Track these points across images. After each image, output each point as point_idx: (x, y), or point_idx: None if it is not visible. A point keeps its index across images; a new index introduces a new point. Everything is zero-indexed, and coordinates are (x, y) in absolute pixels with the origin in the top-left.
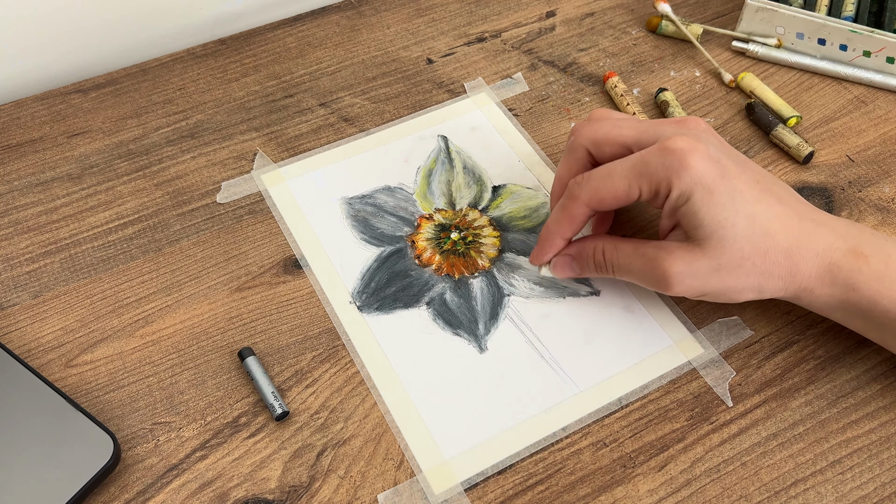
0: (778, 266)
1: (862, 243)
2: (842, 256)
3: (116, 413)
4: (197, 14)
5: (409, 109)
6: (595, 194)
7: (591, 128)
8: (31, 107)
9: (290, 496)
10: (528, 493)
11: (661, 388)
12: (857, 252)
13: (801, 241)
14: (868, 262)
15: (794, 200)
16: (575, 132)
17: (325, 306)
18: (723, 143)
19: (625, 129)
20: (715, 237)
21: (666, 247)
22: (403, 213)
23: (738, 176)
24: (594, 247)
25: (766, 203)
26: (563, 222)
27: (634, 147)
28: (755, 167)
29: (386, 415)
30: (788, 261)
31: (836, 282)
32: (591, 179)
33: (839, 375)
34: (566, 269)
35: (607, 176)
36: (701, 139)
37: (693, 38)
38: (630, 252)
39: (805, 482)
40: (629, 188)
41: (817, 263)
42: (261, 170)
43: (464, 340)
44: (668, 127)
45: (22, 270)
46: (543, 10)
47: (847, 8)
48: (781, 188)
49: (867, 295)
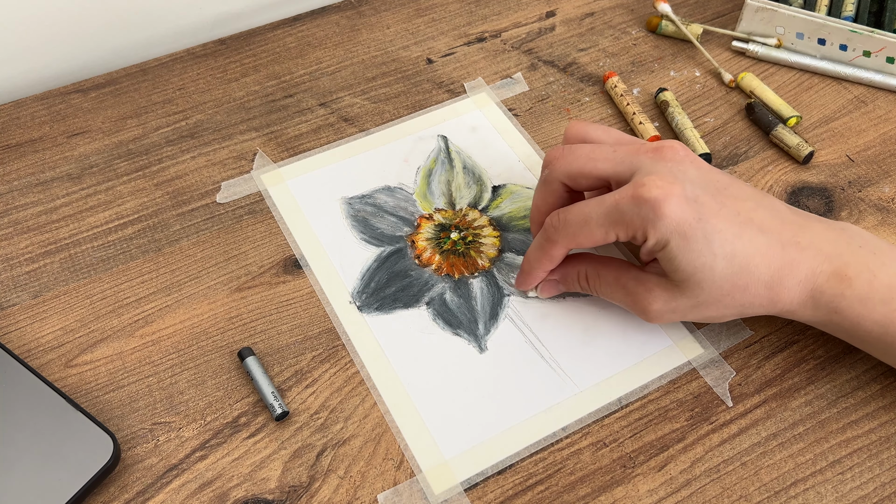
0: (759, 297)
1: (848, 263)
2: (825, 281)
3: (116, 413)
4: (197, 14)
5: (408, 109)
6: (572, 239)
7: (565, 161)
8: (31, 107)
9: (290, 496)
10: (528, 493)
11: (661, 388)
12: (840, 275)
13: (782, 271)
14: (851, 285)
15: (779, 224)
16: (549, 165)
17: (324, 306)
18: (701, 172)
19: (600, 163)
20: (692, 280)
21: (645, 282)
22: (403, 213)
23: (717, 213)
24: (577, 272)
25: (747, 237)
26: (543, 260)
27: (612, 180)
28: (737, 192)
29: (386, 415)
30: (770, 292)
31: (818, 306)
32: (568, 225)
33: (839, 375)
34: (552, 291)
35: (584, 223)
36: (677, 178)
37: (693, 38)
38: (611, 281)
39: (805, 482)
40: (606, 235)
41: (799, 291)
42: (261, 170)
43: (464, 340)
44: (644, 158)
45: (22, 270)
46: (543, 10)
47: (847, 8)
48: (765, 212)
49: (850, 317)
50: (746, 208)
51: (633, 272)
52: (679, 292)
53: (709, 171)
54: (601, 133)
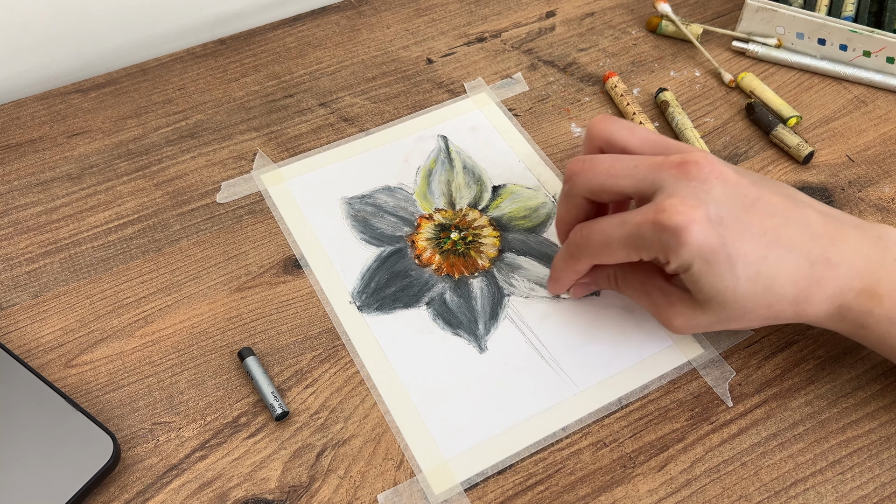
0: (783, 313)
1: (880, 279)
2: (853, 298)
3: (116, 413)
4: (197, 14)
5: (408, 109)
6: (595, 258)
7: (585, 178)
8: (31, 107)
9: (290, 496)
10: (528, 493)
11: (661, 388)
12: (870, 292)
13: (809, 288)
14: (881, 303)
15: (808, 239)
16: (570, 180)
17: (324, 306)
18: (727, 188)
19: (621, 179)
20: (715, 301)
21: (669, 296)
22: (403, 213)
23: (741, 235)
24: (607, 274)
25: (773, 258)
26: (569, 272)
27: (634, 196)
28: (765, 206)
29: (386, 415)
30: (795, 307)
31: (845, 320)
32: (591, 245)
33: (839, 375)
34: (584, 291)
35: (605, 245)
36: (701, 200)
37: (693, 38)
38: (637, 287)
39: (805, 482)
40: (627, 256)
41: (827, 307)
42: (261, 170)
43: (464, 340)
44: (667, 176)
45: (22, 270)
46: (543, 10)
47: (847, 8)
48: (794, 228)
49: (877, 333)
50: (774, 225)
51: (659, 282)
52: (701, 310)
53: (736, 184)
54: (626, 133)
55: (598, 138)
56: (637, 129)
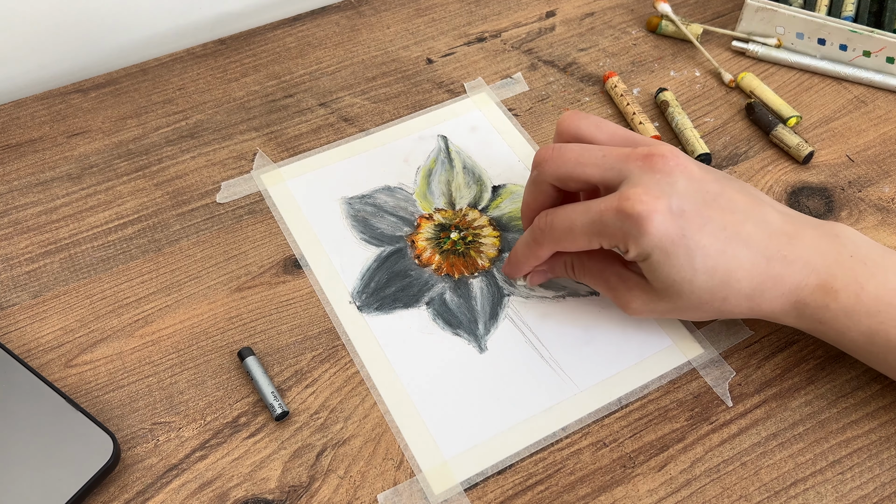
0: (739, 306)
1: (835, 275)
2: (809, 294)
3: (116, 413)
4: (197, 14)
5: (408, 109)
6: (557, 244)
7: (553, 165)
8: (31, 107)
9: (290, 496)
10: (528, 493)
11: (661, 388)
12: (826, 288)
13: (765, 284)
14: (837, 298)
15: (766, 237)
16: (538, 166)
17: (324, 306)
18: (690, 182)
19: (588, 168)
20: (671, 291)
21: (627, 281)
22: (403, 213)
23: (701, 229)
24: (564, 261)
25: (731, 253)
26: (530, 257)
27: (600, 185)
28: (727, 202)
29: (386, 415)
30: (749, 302)
31: (802, 316)
32: (553, 230)
33: (839, 375)
34: (541, 279)
35: (568, 231)
36: (664, 191)
37: (693, 38)
38: (595, 274)
39: (805, 482)
40: (589, 243)
41: (782, 302)
42: (261, 170)
43: (464, 340)
44: (633, 167)
45: (22, 270)
46: (543, 10)
47: (847, 8)
48: (753, 225)
49: (834, 328)
50: (734, 221)
51: (617, 268)
52: (658, 297)
53: (699, 179)
54: (593, 129)
55: (566, 133)
56: (604, 125)
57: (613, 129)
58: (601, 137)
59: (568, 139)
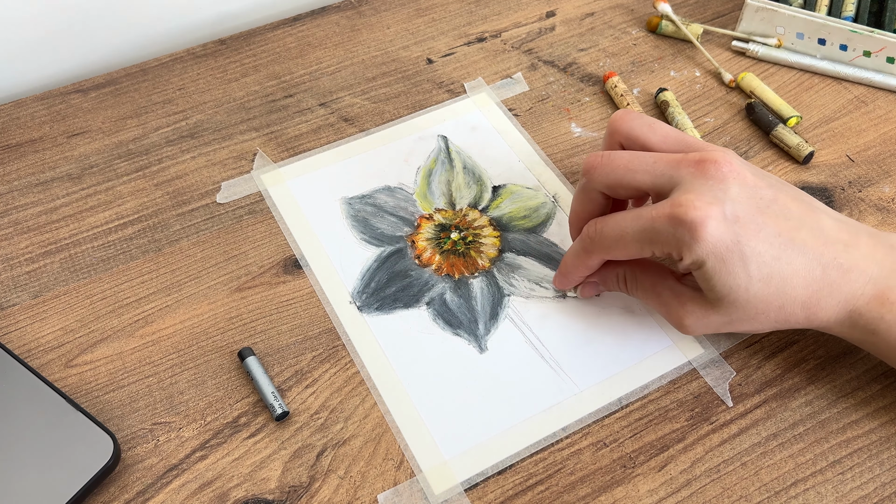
0: (794, 315)
1: (892, 287)
2: (865, 303)
3: (116, 413)
4: (197, 14)
5: (409, 109)
6: (607, 252)
7: (603, 172)
8: (31, 107)
9: (290, 496)
10: (528, 493)
11: (661, 388)
12: (882, 298)
13: (821, 292)
14: (892, 309)
15: (821, 244)
16: (587, 173)
17: (325, 306)
18: (744, 188)
19: (639, 175)
20: (727, 300)
21: (680, 295)
22: (403, 213)
23: (756, 235)
24: (616, 274)
25: (786, 259)
26: (579, 267)
27: (651, 192)
28: (781, 209)
29: (386, 415)
30: (806, 311)
31: (855, 326)
32: (604, 238)
33: (839, 375)
34: (592, 292)
35: (619, 238)
36: (717, 198)
37: (693, 38)
38: (648, 288)
39: (805, 482)
40: (640, 251)
41: (837, 311)
42: (261, 170)
43: (464, 340)
44: (685, 173)
45: (22, 270)
46: (543, 10)
47: (847, 8)
48: (808, 232)
49: (887, 339)
50: (788, 228)
51: (670, 282)
52: (713, 310)
53: (753, 185)
54: (646, 129)
55: (618, 133)
56: (658, 126)
57: (667, 131)
58: (654, 139)
59: (619, 139)
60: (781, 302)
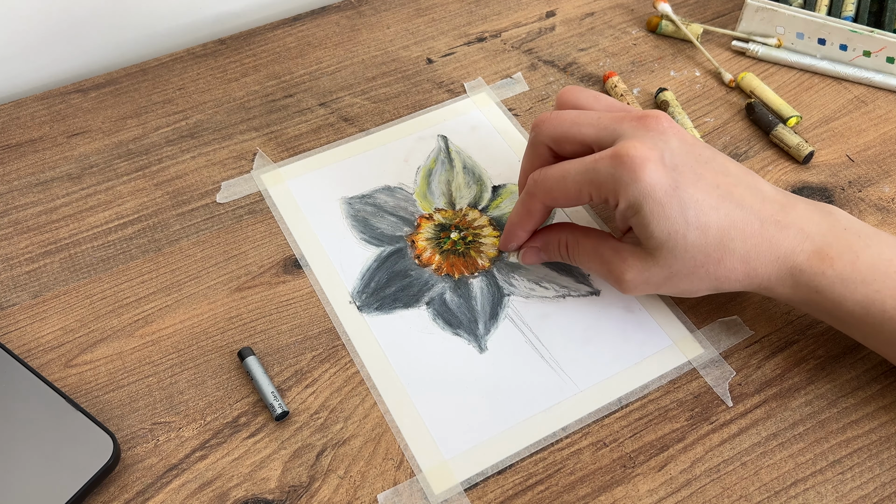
0: (734, 272)
1: (830, 243)
2: (805, 259)
3: (116, 413)
4: (197, 14)
5: (408, 109)
6: (549, 194)
7: (550, 125)
8: (31, 107)
9: (290, 496)
10: (528, 493)
11: (661, 388)
12: (822, 254)
13: (759, 247)
14: (833, 265)
15: (759, 201)
16: (536, 127)
17: (324, 306)
18: (683, 143)
19: (584, 127)
20: (665, 248)
21: (621, 252)
22: (403, 213)
23: (695, 184)
24: (558, 239)
25: (724, 210)
26: (523, 217)
27: (594, 146)
28: (719, 166)
29: (386, 415)
30: (745, 266)
31: (797, 284)
32: (546, 180)
33: (839, 375)
34: (534, 258)
35: (561, 178)
36: (657, 144)
37: (693, 38)
38: (589, 250)
39: (805, 482)
40: (580, 193)
41: (777, 267)
42: (260, 170)
43: (464, 340)
44: (627, 125)
45: (22, 270)
46: (543, 10)
47: (847, 8)
48: (746, 188)
49: (830, 297)
50: (727, 182)
51: (611, 242)
52: (653, 261)
53: (692, 143)
54: (591, 100)
55: (566, 104)
56: (603, 97)
57: (611, 102)
58: (599, 107)
59: (566, 108)
60: (720, 255)
